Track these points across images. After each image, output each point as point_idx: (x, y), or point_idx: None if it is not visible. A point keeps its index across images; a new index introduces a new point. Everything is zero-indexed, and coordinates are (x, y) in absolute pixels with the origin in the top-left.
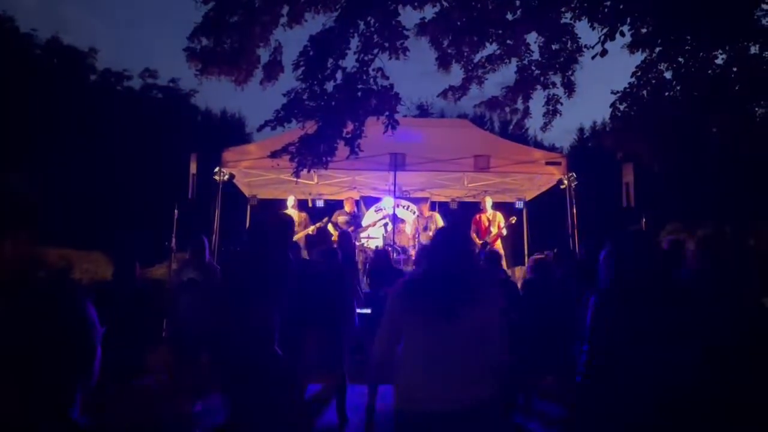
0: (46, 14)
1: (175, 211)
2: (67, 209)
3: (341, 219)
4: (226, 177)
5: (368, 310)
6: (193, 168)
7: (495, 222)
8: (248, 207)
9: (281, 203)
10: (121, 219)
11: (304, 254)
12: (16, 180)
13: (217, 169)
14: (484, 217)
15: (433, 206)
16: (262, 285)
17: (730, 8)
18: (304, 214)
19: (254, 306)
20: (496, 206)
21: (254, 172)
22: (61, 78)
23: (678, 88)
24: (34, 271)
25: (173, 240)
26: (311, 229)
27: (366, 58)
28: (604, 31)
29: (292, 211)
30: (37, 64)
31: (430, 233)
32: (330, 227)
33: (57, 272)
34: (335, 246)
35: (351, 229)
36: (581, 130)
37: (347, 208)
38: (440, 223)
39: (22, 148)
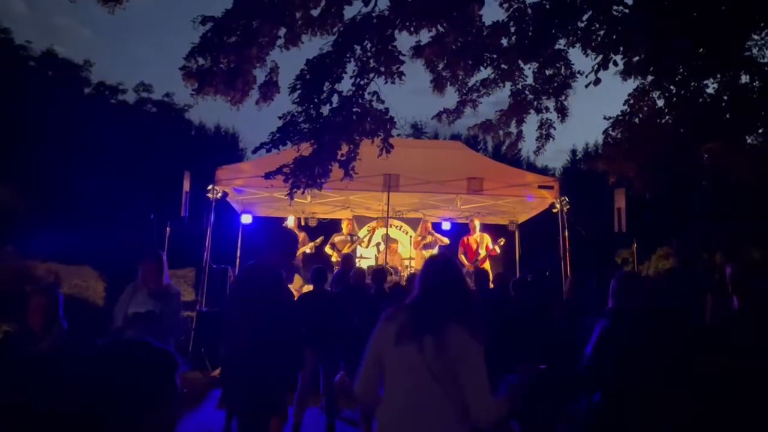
0: (39, 23)
1: (167, 228)
2: (59, 223)
3: (338, 239)
4: (219, 195)
5: None
6: (186, 185)
7: (483, 244)
8: (240, 225)
9: (273, 221)
10: (112, 234)
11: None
12: (4, 193)
13: (210, 187)
14: (472, 240)
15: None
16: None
17: (721, 39)
18: (303, 234)
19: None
20: (489, 228)
21: (247, 190)
22: (56, 90)
23: (670, 115)
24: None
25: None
26: (308, 247)
27: (362, 82)
28: (597, 60)
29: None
30: (31, 76)
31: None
32: (328, 248)
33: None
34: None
35: (351, 248)
36: (573, 152)
37: (345, 229)
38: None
39: (14, 161)
